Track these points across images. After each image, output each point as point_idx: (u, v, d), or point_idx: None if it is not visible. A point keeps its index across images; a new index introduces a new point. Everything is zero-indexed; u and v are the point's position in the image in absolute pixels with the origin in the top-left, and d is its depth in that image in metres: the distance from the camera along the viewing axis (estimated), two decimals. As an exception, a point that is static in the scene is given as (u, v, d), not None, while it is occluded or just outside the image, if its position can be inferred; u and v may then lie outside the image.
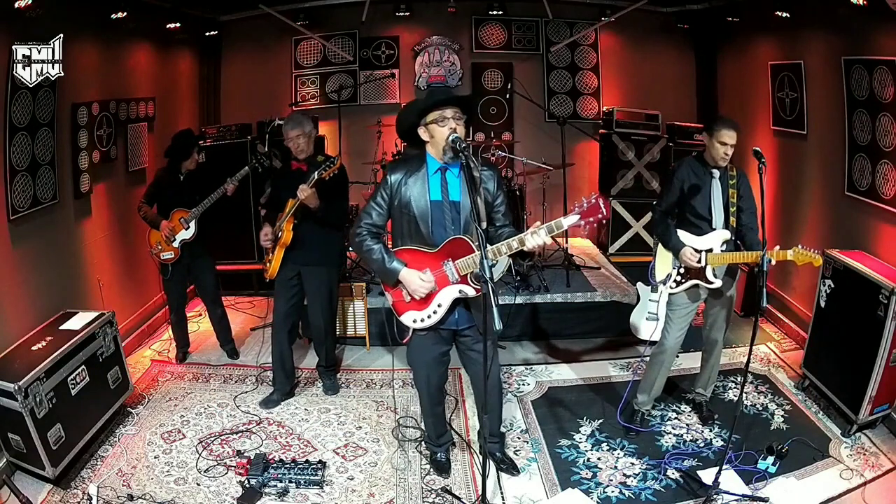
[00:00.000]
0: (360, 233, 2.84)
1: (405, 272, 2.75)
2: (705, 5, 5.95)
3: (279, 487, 3.17)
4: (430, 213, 2.75)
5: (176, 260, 4.32)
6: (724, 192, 3.33)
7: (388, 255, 2.79)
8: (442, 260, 2.75)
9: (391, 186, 2.78)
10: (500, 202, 2.86)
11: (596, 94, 6.67)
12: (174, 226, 4.24)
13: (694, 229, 3.39)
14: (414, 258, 2.78)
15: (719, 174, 3.34)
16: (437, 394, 3.21)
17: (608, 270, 5.60)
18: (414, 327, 2.90)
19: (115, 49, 4.67)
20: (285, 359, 4.05)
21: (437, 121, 2.64)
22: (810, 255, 3.08)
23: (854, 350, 3.55)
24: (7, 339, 3.39)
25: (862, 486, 3.15)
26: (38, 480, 3.23)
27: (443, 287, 2.79)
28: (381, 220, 2.84)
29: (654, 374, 3.61)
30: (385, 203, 2.81)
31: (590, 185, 6.68)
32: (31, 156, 3.64)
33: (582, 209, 2.43)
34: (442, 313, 2.82)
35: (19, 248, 3.60)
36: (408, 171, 2.79)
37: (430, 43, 6.55)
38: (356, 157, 6.20)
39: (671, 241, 3.40)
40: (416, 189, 2.75)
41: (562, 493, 3.17)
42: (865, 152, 3.97)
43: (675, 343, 3.52)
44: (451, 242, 2.73)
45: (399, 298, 2.88)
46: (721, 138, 3.23)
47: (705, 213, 3.34)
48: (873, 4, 3.57)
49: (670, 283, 3.47)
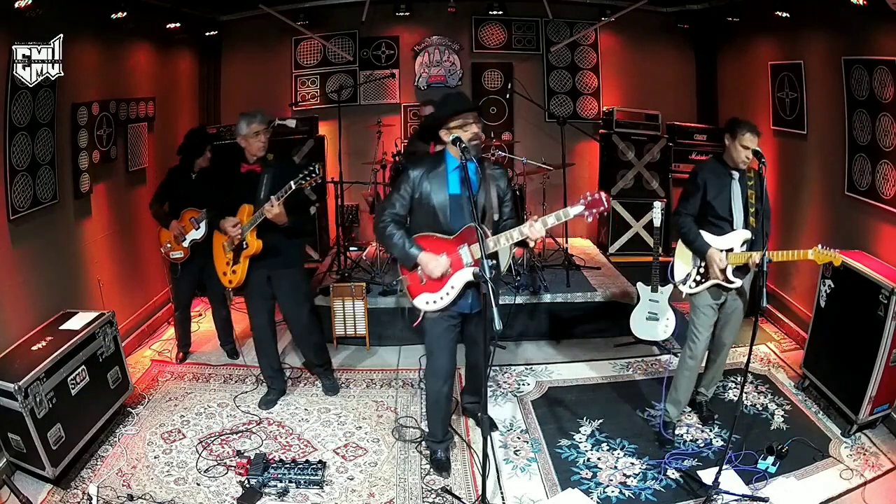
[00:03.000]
0: (384, 219, 3.08)
1: (423, 255, 2.99)
2: (705, 5, 5.95)
3: (279, 487, 3.17)
4: (448, 204, 3.01)
5: (186, 259, 4.32)
6: (744, 193, 3.34)
7: (408, 240, 3.04)
8: (458, 245, 3.00)
9: (413, 181, 3.05)
10: (508, 197, 3.17)
11: (596, 94, 6.67)
12: (184, 225, 4.24)
13: (714, 229, 3.38)
14: (431, 244, 3.03)
15: (738, 175, 3.35)
16: (447, 379, 3.27)
17: (608, 270, 5.60)
18: (426, 309, 3.08)
19: (115, 49, 4.67)
20: (273, 359, 4.05)
21: (460, 126, 2.95)
22: (831, 254, 3.06)
23: (854, 350, 3.55)
24: (7, 339, 3.39)
25: (862, 486, 3.15)
26: (38, 480, 3.23)
27: (457, 270, 3.01)
28: (403, 211, 3.10)
29: (685, 383, 3.55)
30: (408, 195, 3.07)
31: (590, 185, 6.67)
32: (31, 156, 3.64)
33: (587, 200, 2.76)
34: (454, 295, 3.03)
35: (19, 248, 3.60)
36: (428, 167, 3.06)
37: (430, 43, 6.55)
38: (356, 157, 6.19)
39: (696, 242, 3.37)
40: (435, 184, 3.02)
41: (562, 493, 3.17)
42: (865, 152, 3.97)
43: (705, 348, 3.50)
44: (467, 229, 2.98)
45: (415, 282, 3.09)
46: (744, 142, 3.22)
47: (726, 213, 3.34)
48: (873, 4, 3.57)
49: (690, 282, 3.46)
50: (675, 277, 3.55)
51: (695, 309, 3.49)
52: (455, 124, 2.95)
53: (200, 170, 4.28)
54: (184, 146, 4.27)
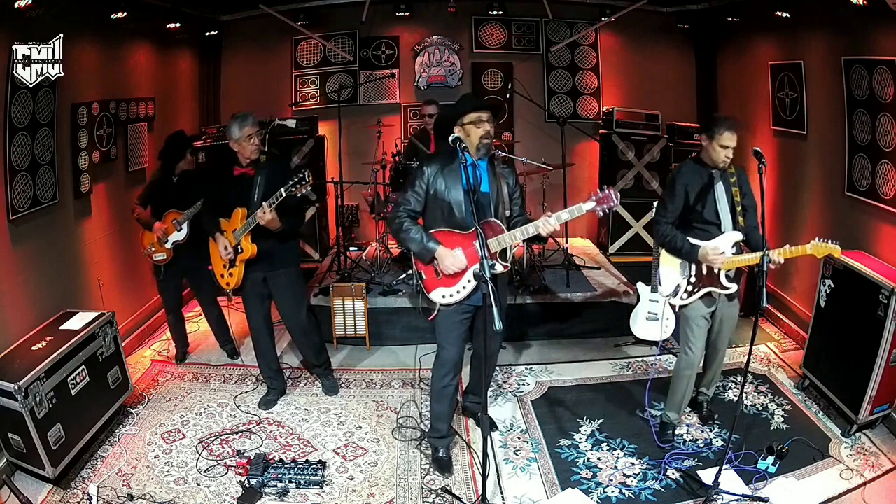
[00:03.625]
0: (399, 215, 3.13)
1: (440, 250, 3.03)
2: (705, 5, 5.95)
3: (279, 487, 3.17)
4: (463, 200, 3.06)
5: (170, 261, 4.32)
6: (728, 193, 3.22)
7: (425, 235, 3.08)
8: (473, 240, 3.01)
9: (428, 177, 3.11)
10: (517, 195, 3.29)
11: (596, 94, 6.67)
12: (167, 227, 4.24)
13: (702, 234, 3.24)
14: (448, 238, 3.08)
15: (720, 174, 3.23)
16: (454, 371, 3.28)
17: (608, 270, 5.60)
18: (442, 303, 3.13)
19: (115, 49, 4.67)
20: (271, 360, 4.05)
21: (474, 122, 3.04)
22: (829, 246, 2.92)
23: (854, 350, 3.55)
24: (7, 339, 3.39)
25: (862, 486, 3.15)
26: (38, 480, 3.23)
27: (473, 264, 3.04)
28: (418, 207, 3.15)
29: (682, 389, 3.48)
30: (423, 192, 3.11)
31: (590, 185, 6.68)
32: (31, 156, 3.64)
33: (598, 197, 2.88)
34: (470, 289, 3.07)
35: (19, 248, 3.60)
36: (443, 164, 3.11)
37: (430, 43, 6.55)
38: (356, 157, 6.20)
39: (684, 248, 3.23)
40: (450, 180, 3.07)
41: (562, 493, 3.17)
42: (865, 152, 3.97)
43: (700, 355, 3.42)
44: (483, 224, 2.98)
45: (431, 276, 3.13)
46: (722, 141, 3.09)
47: (713, 217, 3.21)
48: (873, 4, 3.57)
49: (681, 293, 3.34)
50: (663, 291, 3.41)
51: (687, 321, 3.37)
52: (469, 120, 3.03)
53: (182, 172, 4.29)
54: (164, 150, 4.28)
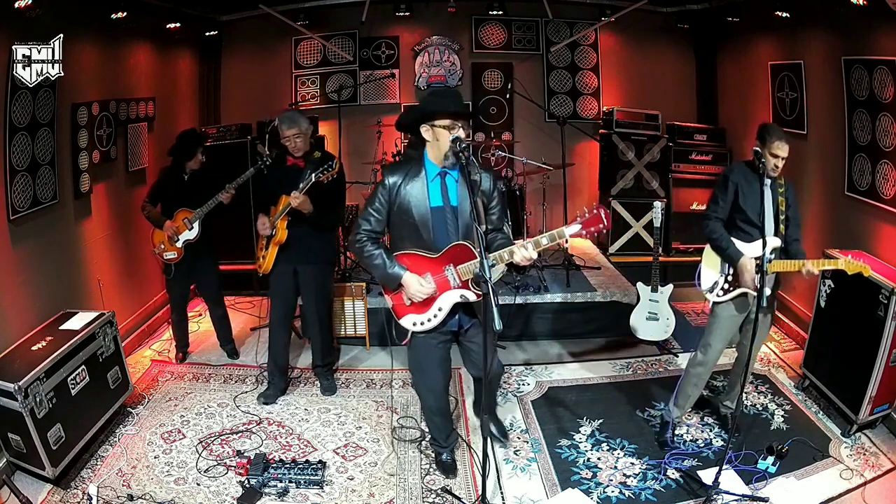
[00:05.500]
0: (359, 239, 2.84)
1: (406, 277, 2.77)
2: (705, 5, 5.96)
3: (279, 487, 3.17)
4: (430, 219, 2.76)
5: (179, 260, 4.32)
6: (775, 201, 3.25)
7: (389, 259, 2.80)
8: (443, 265, 2.78)
9: (389, 189, 2.78)
10: (494, 204, 2.88)
11: (596, 94, 6.67)
12: (178, 226, 4.24)
13: (744, 235, 3.26)
14: (414, 263, 2.80)
15: (770, 182, 3.24)
16: (444, 394, 3.20)
17: (608, 270, 5.60)
18: (414, 330, 2.91)
19: (115, 49, 4.67)
20: (279, 355, 4.07)
21: (448, 127, 2.67)
22: (860, 265, 3.02)
23: (854, 350, 3.55)
24: (7, 339, 3.39)
25: (862, 486, 3.15)
26: (38, 480, 3.23)
27: (444, 291, 2.81)
28: (379, 227, 2.85)
29: (691, 388, 3.47)
30: (384, 208, 2.80)
31: (590, 185, 6.69)
32: (31, 156, 3.64)
33: (584, 219, 2.50)
34: (442, 317, 2.84)
35: (19, 248, 3.60)
36: (406, 174, 2.78)
37: (430, 43, 6.55)
38: (356, 157, 6.20)
39: (729, 249, 3.22)
40: (415, 194, 2.75)
41: (562, 493, 3.17)
42: (865, 152, 3.97)
43: (717, 357, 3.40)
44: (453, 248, 2.75)
45: (399, 302, 2.90)
46: (774, 150, 3.14)
47: (756, 219, 3.22)
48: (873, 4, 3.57)
49: (717, 290, 3.33)
50: (701, 285, 3.41)
51: (715, 317, 3.37)
52: (442, 123, 2.67)
53: (192, 171, 4.29)
54: (176, 147, 4.27)
